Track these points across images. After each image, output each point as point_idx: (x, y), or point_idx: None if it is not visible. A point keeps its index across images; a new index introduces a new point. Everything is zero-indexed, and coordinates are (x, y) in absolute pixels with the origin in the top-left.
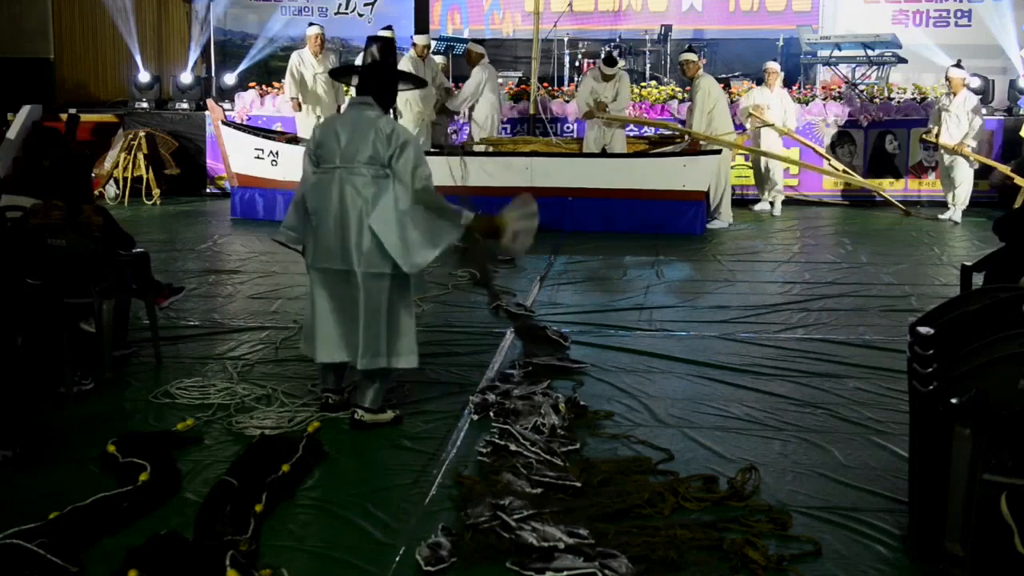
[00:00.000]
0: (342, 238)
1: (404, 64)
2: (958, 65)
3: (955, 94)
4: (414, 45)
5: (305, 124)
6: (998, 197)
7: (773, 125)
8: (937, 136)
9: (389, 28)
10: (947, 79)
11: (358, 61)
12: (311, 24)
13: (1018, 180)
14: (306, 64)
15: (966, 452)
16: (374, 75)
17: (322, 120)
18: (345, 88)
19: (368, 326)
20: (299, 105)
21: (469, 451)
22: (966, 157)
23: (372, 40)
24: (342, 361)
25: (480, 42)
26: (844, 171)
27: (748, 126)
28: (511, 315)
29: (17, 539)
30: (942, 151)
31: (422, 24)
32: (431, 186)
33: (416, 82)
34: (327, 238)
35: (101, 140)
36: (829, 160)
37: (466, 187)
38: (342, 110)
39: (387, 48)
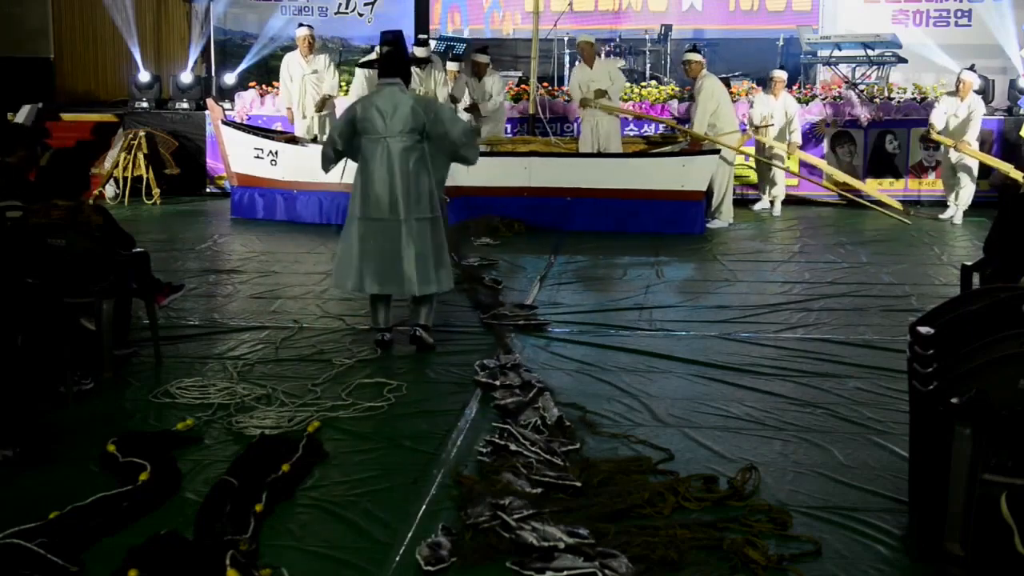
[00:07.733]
0: (390, 192)
1: None
2: (972, 69)
3: (963, 98)
4: (412, 55)
5: (300, 125)
6: (999, 197)
7: (776, 135)
8: (940, 133)
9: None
10: (959, 81)
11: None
12: (300, 25)
13: None
14: (294, 65)
15: (966, 452)
16: (395, 61)
17: (362, 98)
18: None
19: (420, 261)
20: (293, 115)
21: (469, 451)
22: (968, 154)
23: (386, 34)
24: (387, 293)
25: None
26: (843, 183)
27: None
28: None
29: (17, 539)
30: (948, 150)
31: (422, 24)
32: (471, 128)
33: (419, 64)
34: (376, 195)
35: (101, 140)
36: (830, 176)
37: (466, 187)
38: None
39: (400, 39)
